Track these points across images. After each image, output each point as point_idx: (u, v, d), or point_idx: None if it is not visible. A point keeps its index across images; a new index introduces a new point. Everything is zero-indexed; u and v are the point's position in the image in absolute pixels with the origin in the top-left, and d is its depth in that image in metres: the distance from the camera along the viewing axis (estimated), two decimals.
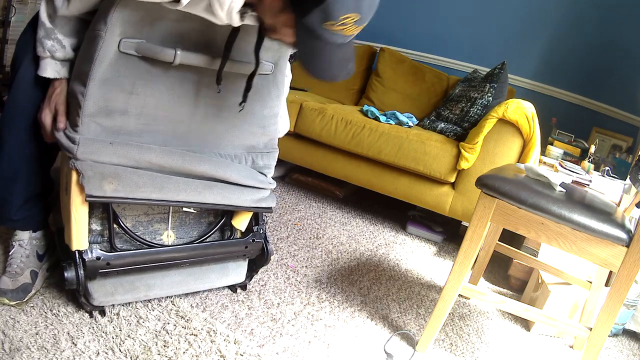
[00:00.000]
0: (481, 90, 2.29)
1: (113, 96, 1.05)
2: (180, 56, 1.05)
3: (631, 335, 1.74)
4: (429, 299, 1.70)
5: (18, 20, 2.38)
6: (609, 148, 2.63)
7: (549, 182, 1.30)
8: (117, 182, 1.07)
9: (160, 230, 1.28)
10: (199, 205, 1.23)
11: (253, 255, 1.40)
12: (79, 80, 1.03)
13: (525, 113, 1.94)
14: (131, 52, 1.02)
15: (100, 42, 0.98)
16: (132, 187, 1.09)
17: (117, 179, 1.07)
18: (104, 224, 1.18)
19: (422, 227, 2.34)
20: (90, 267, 1.10)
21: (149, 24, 1.02)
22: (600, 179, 2.04)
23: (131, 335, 1.14)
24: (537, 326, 1.62)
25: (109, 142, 1.07)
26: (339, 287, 1.63)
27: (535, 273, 1.83)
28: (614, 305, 1.16)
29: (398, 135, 2.17)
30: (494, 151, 2.02)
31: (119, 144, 1.09)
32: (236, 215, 1.36)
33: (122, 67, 1.03)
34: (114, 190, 1.06)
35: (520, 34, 2.85)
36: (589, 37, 2.67)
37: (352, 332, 1.39)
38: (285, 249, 1.83)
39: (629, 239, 1.13)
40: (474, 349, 1.45)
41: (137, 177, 1.10)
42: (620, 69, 2.63)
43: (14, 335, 1.06)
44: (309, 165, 2.44)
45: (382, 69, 2.89)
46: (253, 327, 1.30)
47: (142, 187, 1.10)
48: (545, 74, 2.81)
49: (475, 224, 1.27)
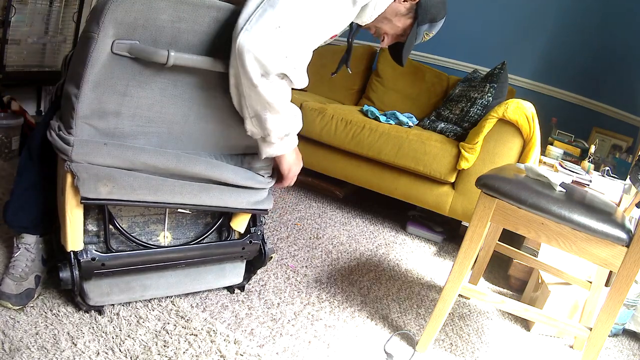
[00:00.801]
0: (481, 90, 2.29)
1: (106, 98, 1.05)
2: (173, 57, 1.04)
3: (631, 335, 1.74)
4: (429, 299, 1.70)
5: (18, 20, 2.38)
6: (609, 148, 2.63)
7: (549, 182, 1.30)
8: (112, 184, 1.06)
9: (156, 231, 1.28)
10: (195, 208, 1.23)
11: (250, 257, 1.40)
12: (73, 83, 1.03)
13: (525, 113, 1.94)
14: (124, 53, 1.02)
15: (93, 44, 0.98)
16: (127, 189, 1.09)
17: (112, 181, 1.06)
18: (99, 225, 1.18)
19: (422, 227, 2.33)
20: (85, 268, 1.10)
21: (141, 25, 1.02)
22: (600, 179, 2.04)
23: (131, 335, 1.14)
24: (537, 326, 1.62)
25: (103, 143, 1.07)
26: (339, 287, 1.63)
27: (535, 273, 1.83)
28: (614, 305, 1.16)
29: (398, 135, 2.17)
30: (494, 151, 2.02)
31: (113, 145, 1.08)
32: (235, 216, 1.36)
33: (115, 68, 1.03)
34: (109, 192, 1.06)
35: (520, 34, 2.84)
36: (589, 37, 2.67)
37: (352, 332, 1.39)
38: (285, 249, 1.83)
39: (629, 239, 1.13)
40: (474, 349, 1.45)
41: (132, 180, 1.10)
42: (620, 69, 2.63)
43: (14, 335, 1.06)
44: (309, 165, 2.44)
45: (382, 69, 2.89)
46: (253, 327, 1.30)
47: (137, 189, 1.10)
48: (545, 74, 2.81)
49: (475, 224, 1.27)
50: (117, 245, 1.21)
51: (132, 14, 0.99)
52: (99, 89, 1.03)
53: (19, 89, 2.53)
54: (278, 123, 1.14)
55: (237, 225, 1.36)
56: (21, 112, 2.17)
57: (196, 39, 1.10)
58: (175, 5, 1.04)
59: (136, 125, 1.12)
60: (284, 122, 1.15)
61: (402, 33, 1.32)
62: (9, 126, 2.03)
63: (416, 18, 1.27)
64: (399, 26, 1.29)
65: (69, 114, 1.04)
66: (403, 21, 1.28)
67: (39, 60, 2.64)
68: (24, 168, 1.24)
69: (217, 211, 1.33)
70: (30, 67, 2.57)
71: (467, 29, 2.98)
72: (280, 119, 1.13)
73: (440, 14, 1.30)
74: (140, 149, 1.12)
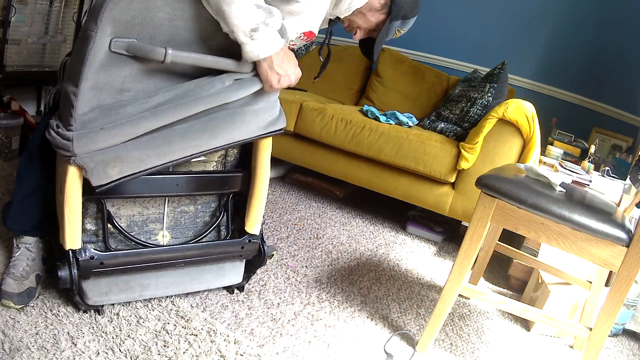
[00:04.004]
0: (481, 90, 2.29)
1: (104, 96, 1.04)
2: (171, 55, 1.04)
3: (631, 335, 1.74)
4: (429, 299, 1.70)
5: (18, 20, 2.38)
6: (609, 148, 2.63)
7: (549, 182, 1.30)
8: (120, 163, 1.05)
9: (155, 230, 1.28)
10: (208, 152, 1.18)
11: (249, 256, 1.39)
12: (72, 81, 1.03)
13: (525, 113, 1.94)
14: (122, 51, 1.02)
15: (91, 42, 0.98)
16: (135, 163, 1.07)
17: (119, 161, 1.05)
18: (98, 224, 1.18)
19: (422, 227, 2.33)
20: (83, 267, 1.10)
21: (139, 23, 1.02)
22: (600, 179, 2.04)
23: (131, 335, 1.14)
24: (537, 326, 1.62)
25: (100, 128, 1.04)
26: (339, 287, 1.63)
27: (535, 273, 1.83)
28: (614, 305, 1.16)
29: (398, 135, 2.17)
30: (494, 151, 2.02)
31: (110, 126, 1.05)
32: (248, 219, 1.35)
33: (113, 66, 1.03)
34: (119, 172, 1.05)
35: (520, 34, 2.84)
36: (589, 37, 2.67)
37: (352, 332, 1.39)
38: (285, 249, 1.83)
39: (629, 239, 1.13)
40: (474, 349, 1.45)
41: (138, 152, 1.07)
42: (620, 69, 2.63)
43: (14, 335, 1.06)
44: (309, 165, 2.44)
45: (382, 69, 2.89)
46: (253, 327, 1.30)
47: (145, 159, 1.08)
48: (545, 74, 2.81)
49: (475, 224, 1.27)
50: (116, 244, 1.21)
51: (130, 12, 1.00)
52: (97, 86, 1.03)
53: (19, 89, 2.53)
54: (237, 14, 1.05)
55: (251, 228, 1.35)
56: (21, 112, 2.17)
57: (194, 37, 1.10)
58: (173, 3, 1.04)
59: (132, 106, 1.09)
60: (243, 13, 1.06)
61: (375, 28, 1.35)
62: (9, 126, 2.03)
63: (389, 14, 1.30)
64: (372, 21, 1.33)
65: (68, 112, 1.03)
66: (377, 16, 1.32)
67: (39, 60, 2.64)
68: (24, 172, 1.24)
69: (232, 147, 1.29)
70: (30, 67, 2.57)
71: (467, 29, 2.99)
72: (238, 9, 1.05)
73: (414, 12, 1.35)
74: (138, 118, 1.07)
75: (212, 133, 1.15)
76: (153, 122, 1.08)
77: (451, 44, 3.05)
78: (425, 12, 3.09)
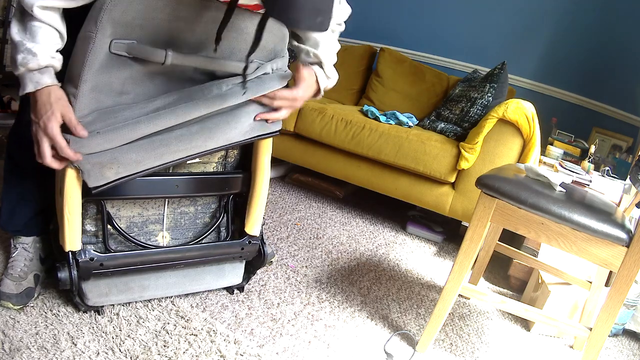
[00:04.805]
0: (481, 90, 2.29)
1: (103, 98, 1.04)
2: (171, 57, 1.04)
3: (631, 335, 1.74)
4: (429, 299, 1.70)
5: None
6: (609, 148, 2.63)
7: (549, 182, 1.30)
8: (117, 165, 1.05)
9: (155, 231, 1.28)
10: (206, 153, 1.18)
11: (249, 257, 1.39)
12: (71, 83, 1.02)
13: (525, 113, 1.94)
14: (122, 53, 1.02)
15: (91, 43, 0.98)
16: (132, 164, 1.07)
17: (116, 163, 1.05)
18: (98, 225, 1.18)
19: (422, 227, 2.33)
20: (83, 268, 1.10)
21: (139, 24, 1.01)
22: (600, 179, 2.04)
23: (131, 335, 1.14)
24: (537, 326, 1.62)
25: (96, 132, 1.03)
26: (339, 287, 1.63)
27: (535, 273, 1.83)
28: (614, 305, 1.16)
29: (398, 135, 2.17)
30: (494, 151, 2.02)
31: (106, 130, 1.04)
32: (248, 220, 1.35)
33: (113, 68, 1.03)
34: (115, 173, 1.05)
35: (520, 34, 2.84)
36: (589, 37, 2.67)
37: (352, 332, 1.39)
38: (285, 249, 1.83)
39: (629, 239, 1.13)
40: (474, 349, 1.45)
41: (135, 154, 1.07)
42: (620, 69, 2.63)
43: (14, 335, 1.06)
44: (309, 165, 2.44)
45: (382, 69, 2.89)
46: (253, 327, 1.30)
47: (142, 161, 1.08)
48: (545, 74, 2.81)
49: (475, 224, 1.27)
50: (116, 246, 1.21)
51: (130, 13, 0.99)
52: (97, 88, 1.02)
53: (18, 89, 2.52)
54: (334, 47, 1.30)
55: (251, 229, 1.35)
56: None
57: (194, 38, 1.10)
58: (173, 4, 1.04)
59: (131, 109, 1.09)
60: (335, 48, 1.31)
61: None
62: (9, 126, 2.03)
63: None
64: None
65: None
66: None
67: None
68: (10, 174, 1.24)
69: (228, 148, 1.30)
70: None
71: (467, 29, 2.99)
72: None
73: None
74: (135, 122, 1.06)
75: (209, 134, 1.15)
76: (150, 127, 1.08)
77: (451, 44, 3.05)
78: (426, 12, 3.12)
